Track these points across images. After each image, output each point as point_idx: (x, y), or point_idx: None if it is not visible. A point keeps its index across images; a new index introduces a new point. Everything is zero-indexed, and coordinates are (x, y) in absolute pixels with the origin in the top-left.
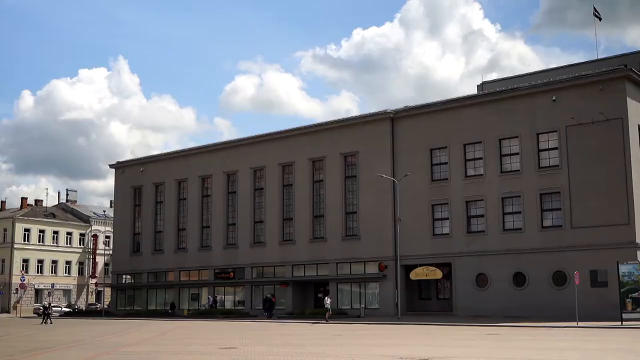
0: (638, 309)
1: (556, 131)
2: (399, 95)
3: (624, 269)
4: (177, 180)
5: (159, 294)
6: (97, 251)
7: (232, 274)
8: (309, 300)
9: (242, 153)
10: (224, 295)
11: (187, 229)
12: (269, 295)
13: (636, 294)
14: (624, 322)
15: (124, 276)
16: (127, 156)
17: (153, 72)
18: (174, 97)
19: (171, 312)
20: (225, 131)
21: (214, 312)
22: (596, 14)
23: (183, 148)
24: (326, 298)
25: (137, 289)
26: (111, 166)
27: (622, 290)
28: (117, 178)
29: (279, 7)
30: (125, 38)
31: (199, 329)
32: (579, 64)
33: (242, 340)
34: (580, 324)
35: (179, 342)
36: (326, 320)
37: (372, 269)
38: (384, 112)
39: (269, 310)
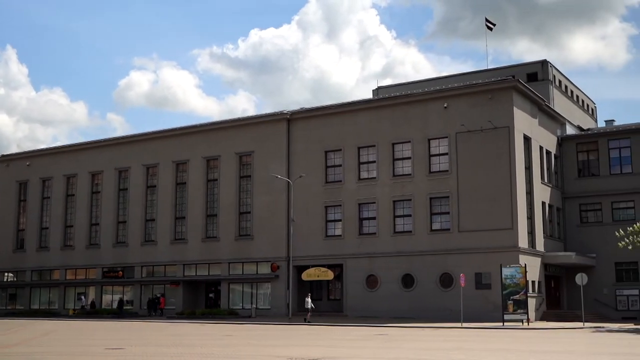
0: (519, 311)
1: (447, 137)
2: (296, 97)
3: (506, 271)
4: (65, 175)
5: (43, 292)
6: None
7: (121, 272)
8: (200, 300)
9: (135, 150)
10: (112, 294)
11: (74, 225)
12: (158, 295)
13: (517, 295)
14: (505, 323)
15: (6, 274)
16: (13, 150)
17: (43, 63)
18: (65, 91)
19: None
20: (119, 127)
21: (101, 311)
22: (488, 24)
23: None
24: (307, 298)
25: (19, 287)
26: None
27: (504, 292)
28: (1, 172)
29: (175, 4)
30: (13, 27)
31: (85, 329)
32: (469, 72)
33: (129, 340)
34: (465, 324)
35: (64, 342)
36: (306, 321)
37: (265, 269)
38: (280, 113)
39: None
